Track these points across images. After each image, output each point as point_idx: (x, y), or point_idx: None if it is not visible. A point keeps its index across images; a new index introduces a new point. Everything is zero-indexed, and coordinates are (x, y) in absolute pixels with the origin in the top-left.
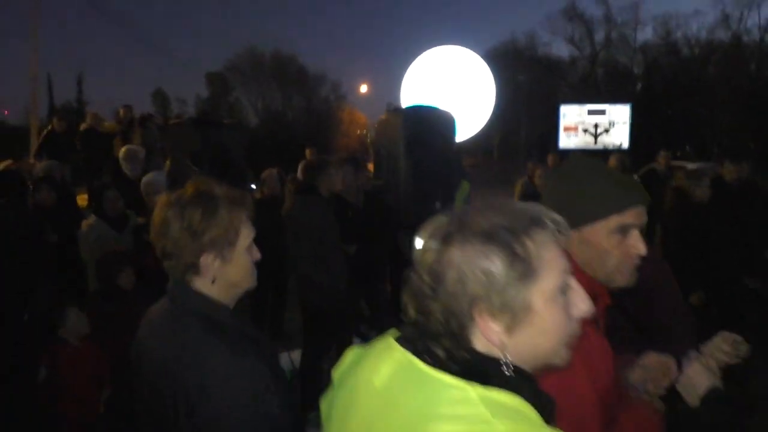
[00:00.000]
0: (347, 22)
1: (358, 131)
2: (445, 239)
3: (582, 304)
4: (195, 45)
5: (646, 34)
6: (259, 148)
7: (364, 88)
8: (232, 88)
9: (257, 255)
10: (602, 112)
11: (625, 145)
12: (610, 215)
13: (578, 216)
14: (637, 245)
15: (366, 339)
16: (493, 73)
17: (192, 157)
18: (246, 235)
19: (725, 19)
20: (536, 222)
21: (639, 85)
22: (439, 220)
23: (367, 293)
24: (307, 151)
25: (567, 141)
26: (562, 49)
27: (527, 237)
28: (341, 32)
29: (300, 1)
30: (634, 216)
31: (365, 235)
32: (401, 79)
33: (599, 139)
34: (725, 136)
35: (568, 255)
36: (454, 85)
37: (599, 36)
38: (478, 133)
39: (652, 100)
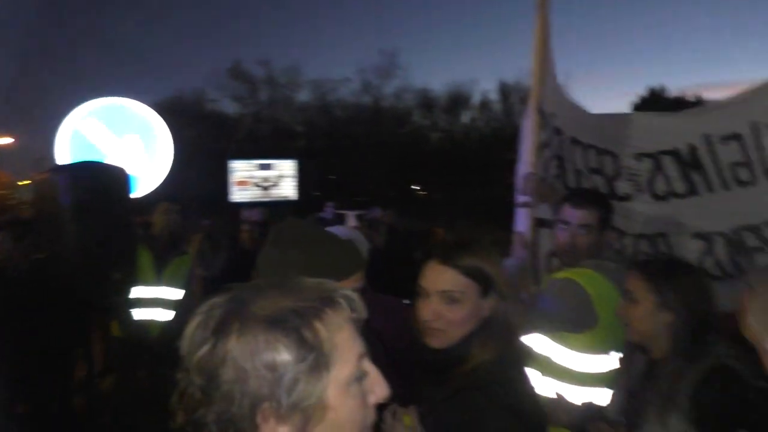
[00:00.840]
0: None
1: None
2: (220, 329)
3: (379, 390)
4: None
5: (305, 95)
6: None
7: (5, 141)
8: None
9: None
10: (271, 167)
11: (294, 197)
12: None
13: None
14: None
15: None
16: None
17: None
18: None
19: (367, 86)
20: (328, 302)
21: (302, 142)
22: (212, 304)
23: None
24: None
25: (240, 195)
26: (229, 106)
27: (318, 321)
28: None
29: None
30: (356, 280)
31: (32, 315)
32: (54, 132)
33: (270, 192)
34: (373, 187)
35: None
36: (123, 139)
37: (264, 95)
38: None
39: (313, 156)
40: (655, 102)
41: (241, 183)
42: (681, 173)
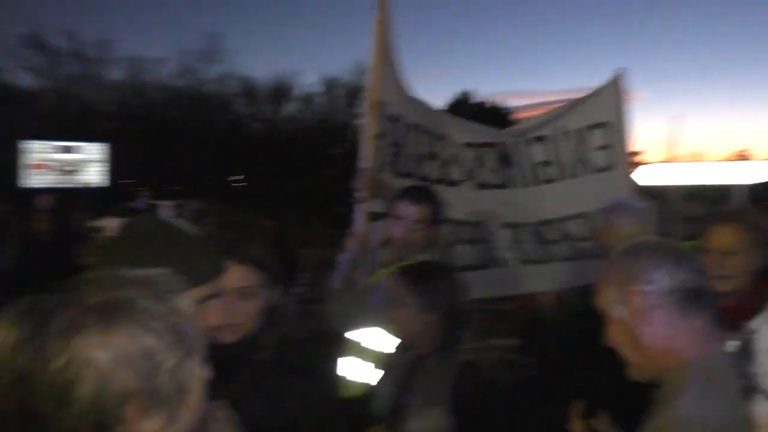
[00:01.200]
0: None
1: None
2: (72, 329)
3: (205, 372)
4: None
5: (117, 73)
6: None
7: None
8: None
9: None
10: (75, 150)
11: (102, 183)
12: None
13: None
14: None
15: None
16: None
17: None
18: None
19: (186, 69)
20: (174, 288)
21: (113, 124)
22: (41, 306)
23: None
24: None
25: (35, 179)
26: (25, 79)
27: (178, 306)
28: None
29: None
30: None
31: None
32: None
33: (72, 177)
34: (190, 175)
35: None
36: None
37: (69, 69)
38: None
39: (126, 140)
40: (462, 105)
41: (38, 166)
42: (498, 166)
